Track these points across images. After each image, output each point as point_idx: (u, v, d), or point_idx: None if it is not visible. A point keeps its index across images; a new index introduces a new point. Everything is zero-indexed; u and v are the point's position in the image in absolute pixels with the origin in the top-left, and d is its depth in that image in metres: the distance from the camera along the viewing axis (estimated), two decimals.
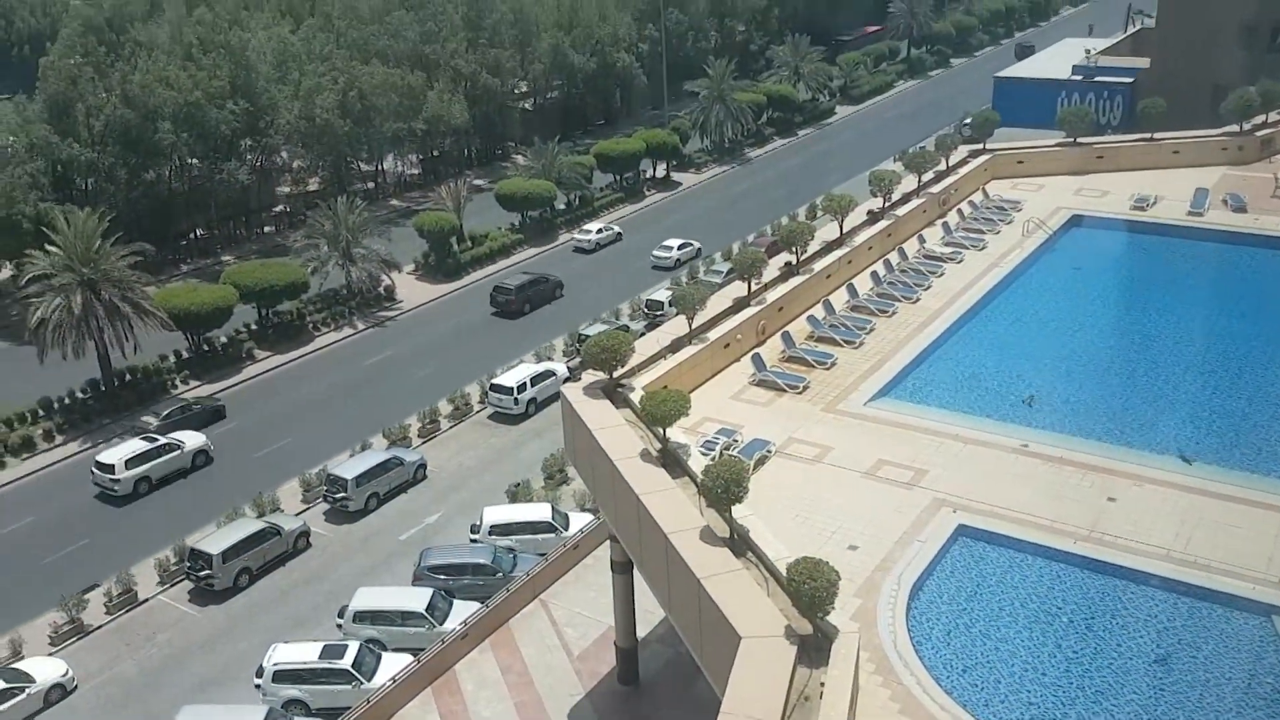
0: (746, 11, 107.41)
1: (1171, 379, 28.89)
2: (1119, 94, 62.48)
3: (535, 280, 58.04)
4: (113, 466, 40.56)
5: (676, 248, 62.67)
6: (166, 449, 41.88)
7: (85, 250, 45.32)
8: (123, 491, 40.59)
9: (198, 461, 42.77)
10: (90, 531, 39.18)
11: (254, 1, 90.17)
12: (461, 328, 55.67)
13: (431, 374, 50.21)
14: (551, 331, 53.41)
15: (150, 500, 40.98)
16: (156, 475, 41.25)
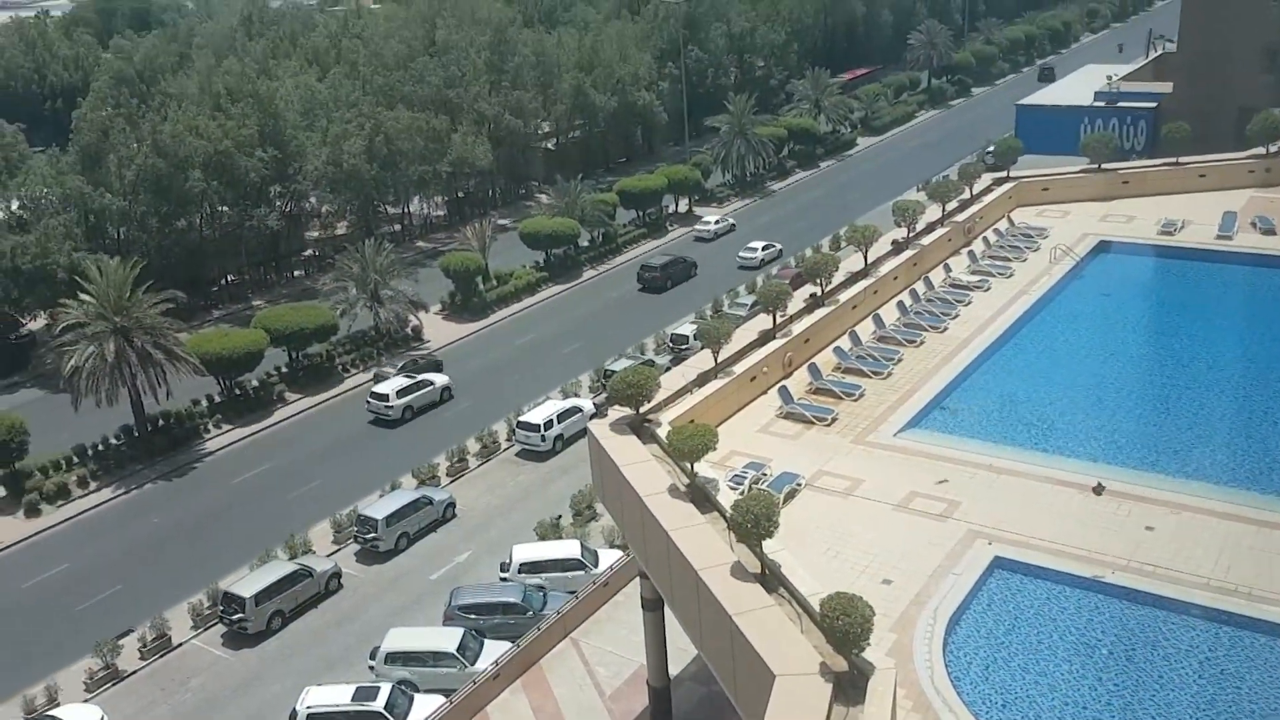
0: (766, 47, 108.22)
1: (1206, 404, 28.48)
2: (1142, 119, 62.25)
3: (675, 260, 66.42)
4: (386, 395, 49.96)
5: (760, 249, 67.95)
6: (424, 384, 51.23)
7: (118, 298, 46.00)
8: (394, 416, 49.87)
9: (445, 396, 51.93)
10: (123, 577, 39.43)
11: (281, 51, 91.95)
12: (489, 366, 55.90)
13: (460, 413, 50.39)
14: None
15: (415, 424, 49.88)
16: (417, 405, 50.66)
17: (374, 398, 50.21)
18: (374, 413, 50.00)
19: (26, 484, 43.92)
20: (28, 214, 57.54)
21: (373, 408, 50.11)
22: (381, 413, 49.82)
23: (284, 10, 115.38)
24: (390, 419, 49.68)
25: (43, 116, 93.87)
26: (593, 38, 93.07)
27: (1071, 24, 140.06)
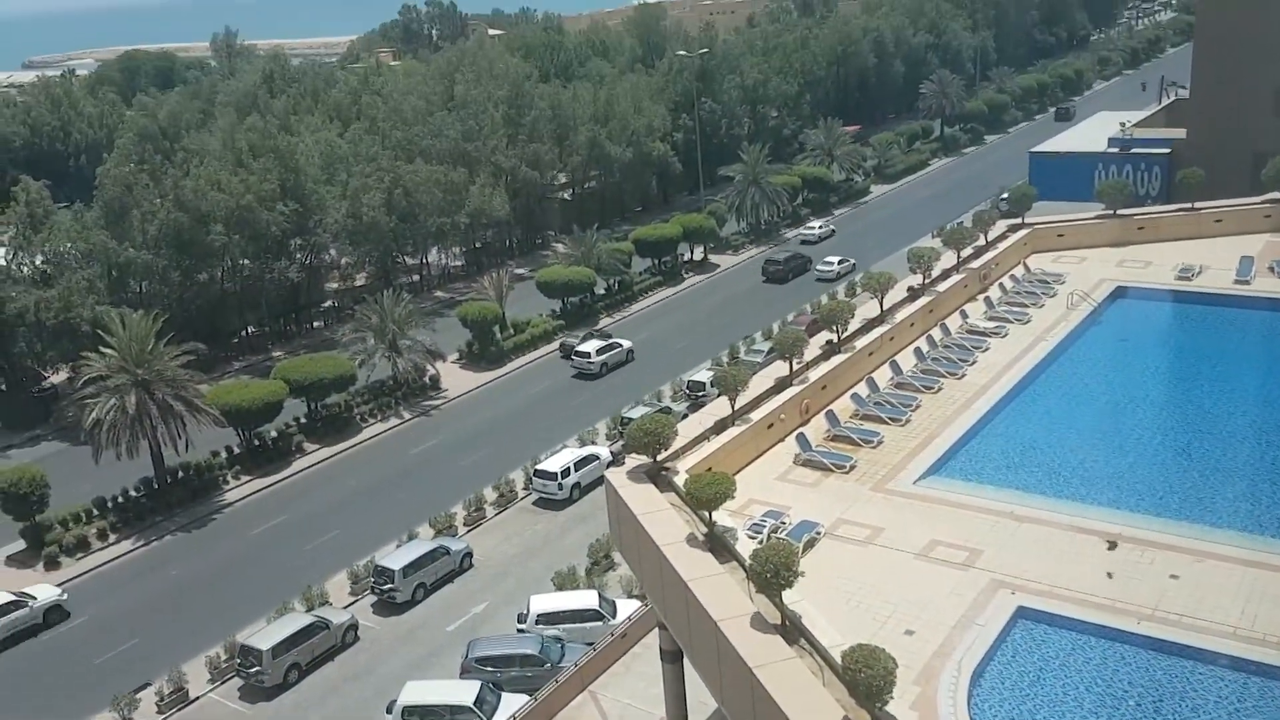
0: (778, 98, 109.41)
1: (1228, 450, 28.20)
2: (1156, 165, 62.37)
3: (794, 256, 76.06)
4: (588, 354, 60.14)
5: (836, 263, 74.12)
6: (616, 344, 61.40)
7: (139, 351, 46.48)
8: (593, 371, 59.71)
9: (630, 357, 61.69)
10: (141, 630, 39.39)
11: (303, 107, 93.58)
12: (505, 414, 56.01)
13: (476, 461, 50.44)
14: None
15: (610, 378, 58.97)
16: (611, 363, 60.62)
17: (577, 355, 60.58)
18: (578, 369, 60.30)
19: (46, 537, 44.11)
20: (51, 269, 58.41)
21: (576, 364, 60.58)
22: (584, 368, 60.07)
23: (305, 68, 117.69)
24: (592, 374, 59.79)
25: (67, 173, 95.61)
26: (608, 91, 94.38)
27: (1083, 72, 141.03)
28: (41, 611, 39.86)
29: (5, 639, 38.99)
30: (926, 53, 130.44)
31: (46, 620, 39.95)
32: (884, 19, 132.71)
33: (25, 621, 39.48)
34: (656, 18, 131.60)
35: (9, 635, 39.10)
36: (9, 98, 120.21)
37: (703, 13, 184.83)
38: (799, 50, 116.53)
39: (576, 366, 60.42)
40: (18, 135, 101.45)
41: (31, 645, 39.21)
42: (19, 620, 39.36)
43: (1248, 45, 56.50)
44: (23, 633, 39.42)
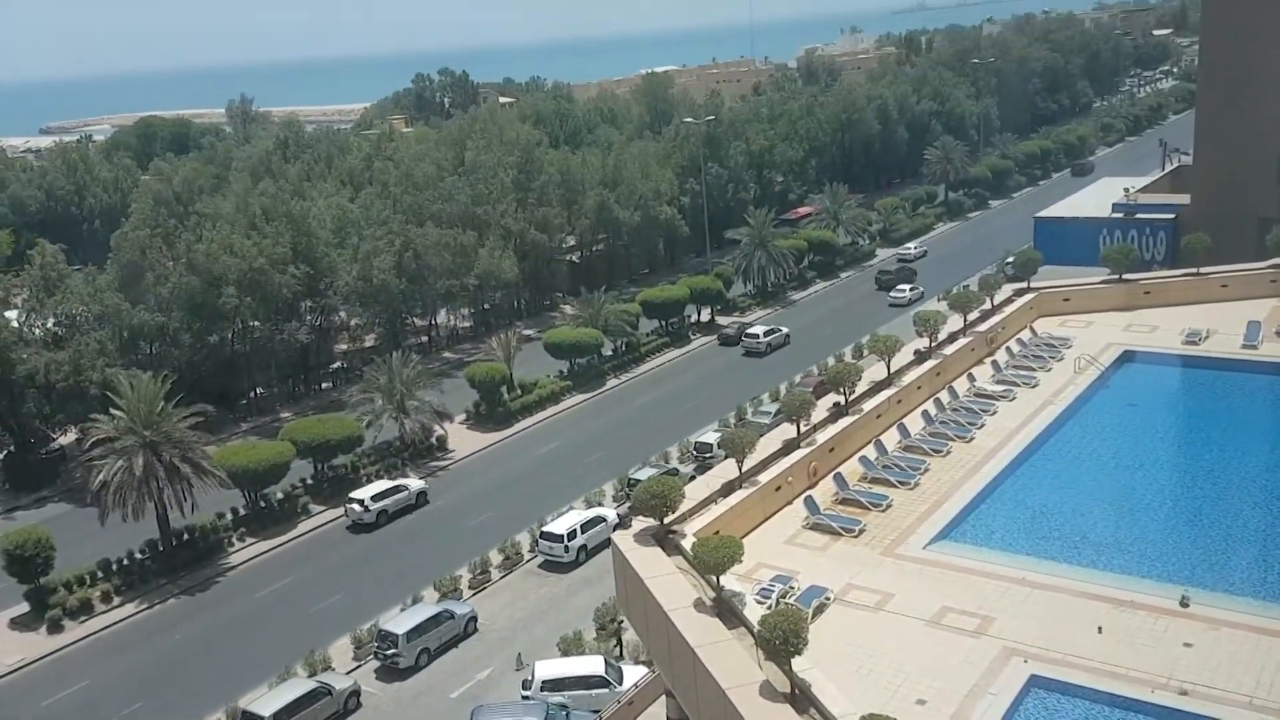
0: (784, 164, 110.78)
1: (1239, 517, 27.99)
2: (1161, 230, 62.79)
3: (902, 268, 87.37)
4: (757, 334, 70.12)
5: (909, 289, 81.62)
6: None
7: (148, 413, 46.56)
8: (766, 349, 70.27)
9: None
10: (143, 695, 38.91)
11: (316, 173, 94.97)
12: (512, 475, 55.82)
13: (482, 523, 50.16)
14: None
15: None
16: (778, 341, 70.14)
17: (748, 338, 70.82)
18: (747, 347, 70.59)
19: (50, 599, 43.78)
20: (63, 331, 58.86)
21: (750, 345, 71.24)
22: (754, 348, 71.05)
23: (319, 134, 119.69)
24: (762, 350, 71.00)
25: (81, 236, 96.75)
26: (616, 156, 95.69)
27: (1086, 138, 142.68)
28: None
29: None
30: (930, 120, 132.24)
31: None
32: (888, 87, 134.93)
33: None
34: (664, 86, 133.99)
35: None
36: (26, 162, 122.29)
37: (709, 81, 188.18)
38: (804, 117, 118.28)
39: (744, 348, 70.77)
40: (33, 199, 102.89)
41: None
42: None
43: (1249, 113, 57.30)
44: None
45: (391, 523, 51.06)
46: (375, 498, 50.93)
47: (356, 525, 50.68)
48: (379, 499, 51.01)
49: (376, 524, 50.46)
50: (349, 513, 50.84)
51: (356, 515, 50.46)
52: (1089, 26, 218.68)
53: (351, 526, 50.81)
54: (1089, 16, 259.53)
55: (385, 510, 50.96)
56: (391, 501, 51.35)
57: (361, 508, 50.46)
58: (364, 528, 50.55)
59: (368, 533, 50.35)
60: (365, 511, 50.38)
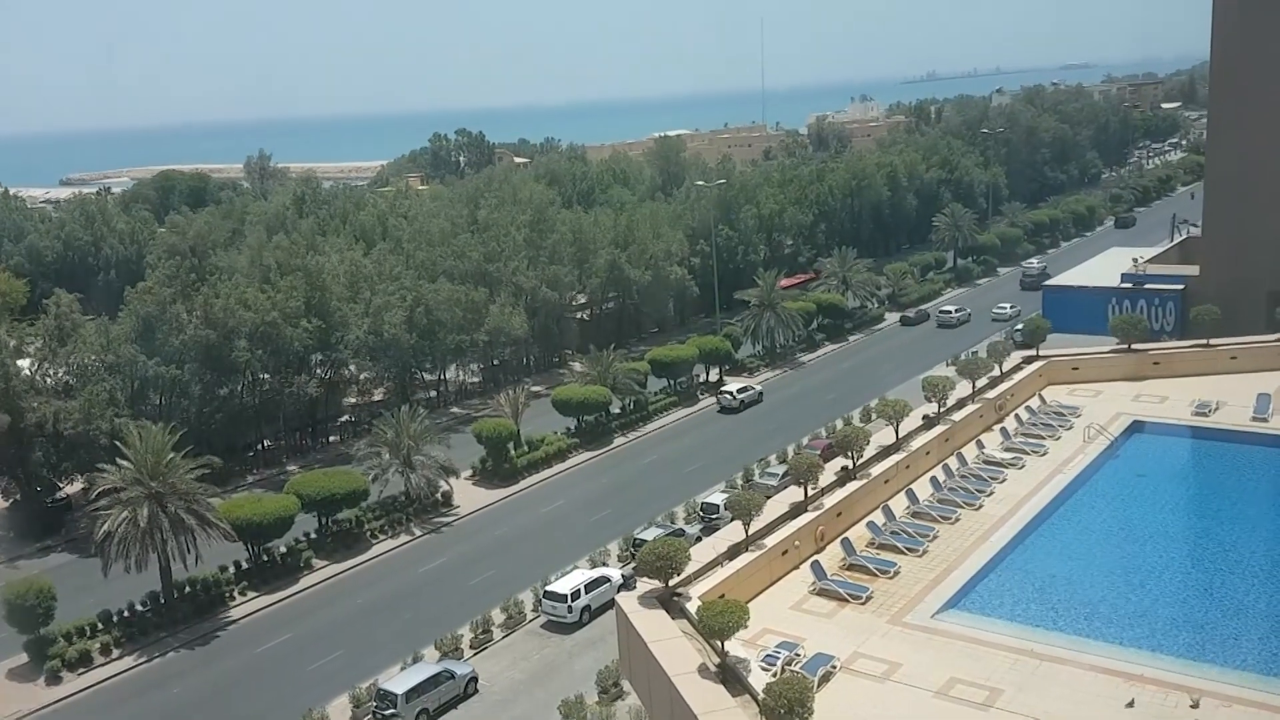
0: (794, 227, 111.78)
1: (1251, 590, 27.69)
2: (1170, 300, 62.89)
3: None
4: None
5: (1009, 307, 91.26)
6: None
7: (155, 464, 46.60)
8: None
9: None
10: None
11: (330, 228, 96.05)
12: (516, 532, 55.52)
13: (485, 581, 49.80)
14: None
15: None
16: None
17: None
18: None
19: (50, 650, 43.44)
20: (75, 380, 59.17)
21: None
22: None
23: (335, 190, 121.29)
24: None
25: (95, 286, 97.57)
26: (628, 217, 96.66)
27: (1095, 208, 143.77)
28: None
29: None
30: (939, 187, 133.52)
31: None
32: (898, 155, 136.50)
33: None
34: (676, 149, 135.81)
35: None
36: (45, 213, 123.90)
37: (720, 145, 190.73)
38: (814, 182, 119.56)
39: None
40: (50, 249, 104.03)
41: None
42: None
43: (1258, 185, 57.65)
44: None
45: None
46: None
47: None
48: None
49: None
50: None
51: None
52: (1097, 99, 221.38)
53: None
54: (1097, 89, 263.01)
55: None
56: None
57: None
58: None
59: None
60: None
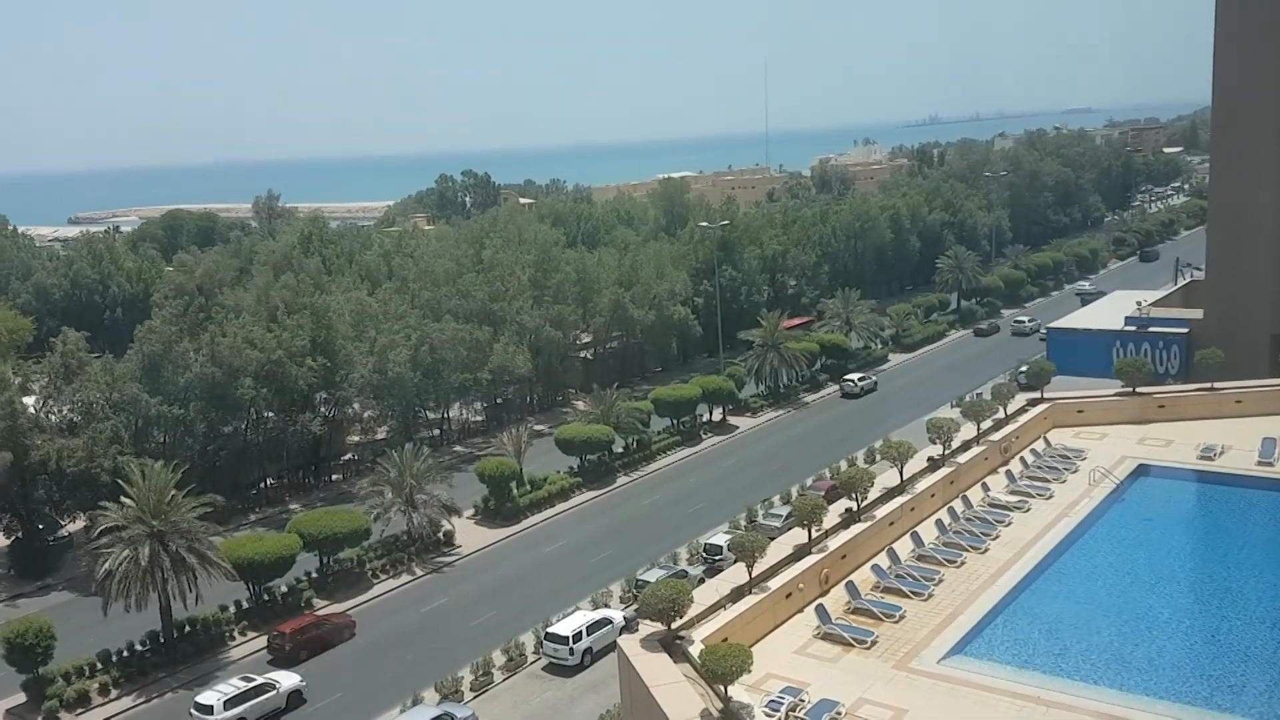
0: (797, 268, 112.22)
1: (1258, 637, 27.39)
2: (1174, 344, 62.88)
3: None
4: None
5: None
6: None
7: (157, 502, 46.46)
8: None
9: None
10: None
11: (336, 267, 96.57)
12: (518, 572, 55.18)
13: (486, 622, 49.45)
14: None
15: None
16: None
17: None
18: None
19: (48, 690, 43.07)
20: (79, 418, 59.20)
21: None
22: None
23: (343, 230, 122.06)
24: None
25: (102, 325, 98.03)
26: (632, 257, 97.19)
27: (1098, 251, 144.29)
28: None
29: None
30: (942, 229, 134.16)
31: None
32: (901, 197, 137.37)
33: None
34: (680, 190, 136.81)
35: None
36: (53, 251, 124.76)
37: (724, 187, 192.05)
38: (817, 224, 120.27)
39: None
40: (58, 287, 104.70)
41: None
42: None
43: (1261, 230, 57.82)
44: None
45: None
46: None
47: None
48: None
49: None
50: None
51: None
52: (1100, 143, 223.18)
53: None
54: (1100, 133, 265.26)
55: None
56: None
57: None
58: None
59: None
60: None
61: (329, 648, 47.35)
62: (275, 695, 42.01)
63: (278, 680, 42.75)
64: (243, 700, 40.86)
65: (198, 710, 40.71)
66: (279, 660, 46.01)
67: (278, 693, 42.17)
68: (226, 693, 41.05)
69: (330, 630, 48.06)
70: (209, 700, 40.75)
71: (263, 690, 41.82)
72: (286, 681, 42.92)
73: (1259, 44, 56.98)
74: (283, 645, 46.47)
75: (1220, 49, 58.81)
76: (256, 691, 41.55)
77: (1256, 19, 57.02)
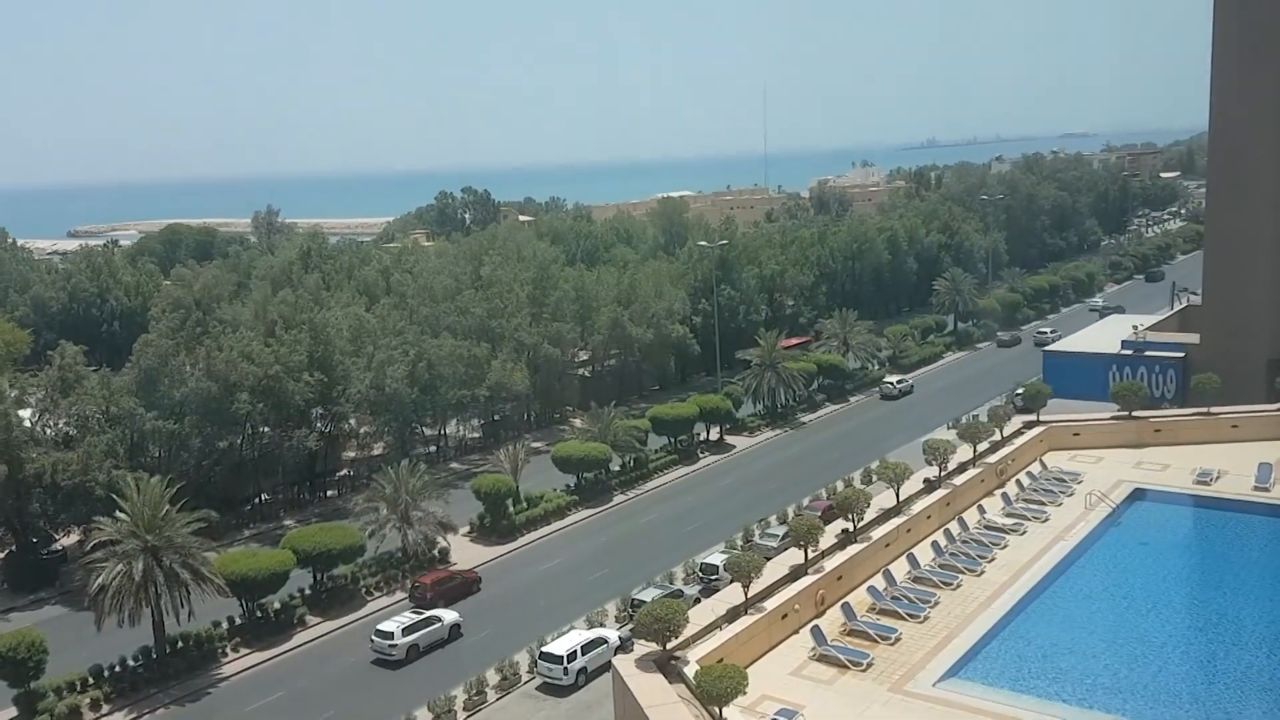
0: (795, 288, 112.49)
1: (1254, 663, 27.35)
2: (1171, 368, 63.00)
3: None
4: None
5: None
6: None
7: (151, 517, 46.30)
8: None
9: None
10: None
11: (335, 282, 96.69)
12: (513, 591, 54.97)
13: (479, 640, 49.19)
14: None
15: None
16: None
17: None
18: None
19: (39, 705, 42.79)
20: (75, 431, 59.08)
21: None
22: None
23: (342, 246, 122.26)
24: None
25: (100, 338, 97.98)
26: (631, 275, 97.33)
27: (1094, 274, 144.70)
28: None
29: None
30: (939, 251, 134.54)
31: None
32: (898, 219, 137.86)
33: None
34: (679, 210, 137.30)
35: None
36: (51, 264, 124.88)
37: (723, 207, 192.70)
38: (815, 244, 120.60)
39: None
40: (56, 300, 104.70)
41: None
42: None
43: (1258, 255, 58.07)
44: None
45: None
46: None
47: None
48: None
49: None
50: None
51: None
52: (1097, 167, 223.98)
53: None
54: (1097, 157, 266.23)
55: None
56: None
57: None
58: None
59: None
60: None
61: (461, 599, 53.38)
62: (441, 627, 49.13)
63: (442, 615, 49.56)
64: (417, 629, 48.06)
65: (379, 636, 47.49)
66: (420, 606, 51.32)
67: (442, 624, 49.25)
68: (403, 622, 48.02)
69: (461, 584, 54.38)
70: (389, 628, 47.60)
71: (431, 622, 48.89)
72: (448, 617, 49.83)
73: (1256, 71, 57.43)
74: (424, 594, 52.75)
75: (1217, 75, 59.26)
76: (426, 623, 48.64)
77: (1253, 46, 57.49)
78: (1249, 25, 57.68)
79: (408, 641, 47.29)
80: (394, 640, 46.95)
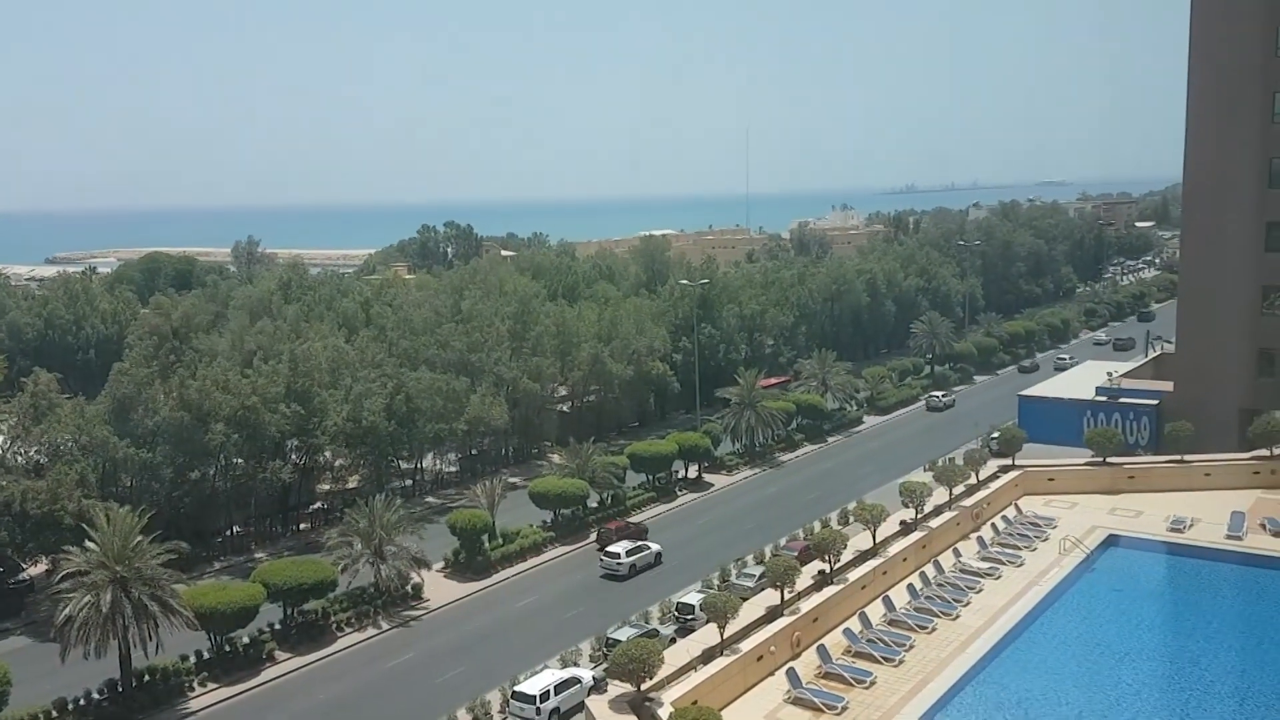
0: (775, 328, 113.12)
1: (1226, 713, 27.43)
2: (1145, 415, 63.59)
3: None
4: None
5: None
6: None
7: (121, 548, 45.63)
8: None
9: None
10: None
11: (314, 314, 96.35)
12: (486, 629, 54.46)
13: (452, 679, 48.60)
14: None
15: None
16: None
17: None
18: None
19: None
20: (46, 460, 58.31)
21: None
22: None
23: (322, 277, 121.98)
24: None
25: (75, 365, 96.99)
26: (612, 311, 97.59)
27: (1070, 321, 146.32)
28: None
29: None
30: (917, 295, 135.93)
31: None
32: (877, 262, 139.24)
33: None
34: (661, 248, 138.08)
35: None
36: (28, 290, 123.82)
37: (705, 246, 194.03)
38: (795, 285, 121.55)
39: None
40: (31, 326, 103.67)
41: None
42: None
43: (1230, 306, 58.96)
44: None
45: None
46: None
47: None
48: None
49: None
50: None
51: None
52: (1072, 215, 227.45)
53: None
54: (1073, 206, 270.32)
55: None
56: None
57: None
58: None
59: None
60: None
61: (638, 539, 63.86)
62: (650, 553, 62.00)
63: (651, 545, 62.48)
64: (635, 553, 61.02)
65: (608, 556, 60.14)
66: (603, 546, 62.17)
67: (651, 552, 62.11)
68: (626, 547, 60.54)
69: (637, 530, 65.33)
70: (617, 550, 60.24)
71: (645, 549, 61.89)
72: (655, 547, 62.51)
73: (1230, 124, 58.68)
74: (610, 536, 63.76)
75: (1192, 128, 60.49)
76: (640, 549, 61.61)
77: (1228, 100, 58.77)
78: (1224, 80, 59.03)
79: (628, 561, 60.16)
80: (620, 559, 59.83)
